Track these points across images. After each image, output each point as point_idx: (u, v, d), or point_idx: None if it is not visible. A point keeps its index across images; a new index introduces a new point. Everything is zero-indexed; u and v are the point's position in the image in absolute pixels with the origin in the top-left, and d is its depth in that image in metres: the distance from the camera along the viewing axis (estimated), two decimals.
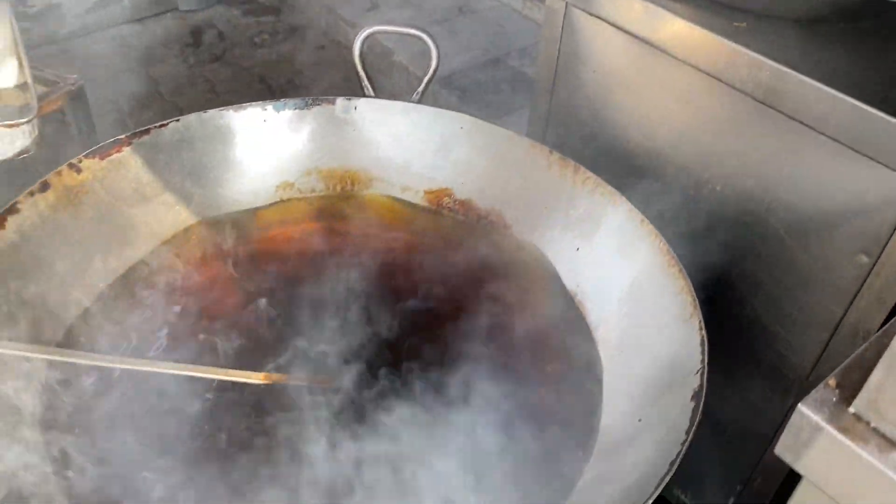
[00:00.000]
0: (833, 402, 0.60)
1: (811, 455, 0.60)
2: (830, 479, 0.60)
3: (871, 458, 0.56)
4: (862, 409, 0.58)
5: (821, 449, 0.59)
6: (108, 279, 1.04)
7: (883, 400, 0.57)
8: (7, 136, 1.07)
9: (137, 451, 0.84)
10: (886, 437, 0.57)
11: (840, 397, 0.60)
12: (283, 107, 1.24)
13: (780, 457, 0.63)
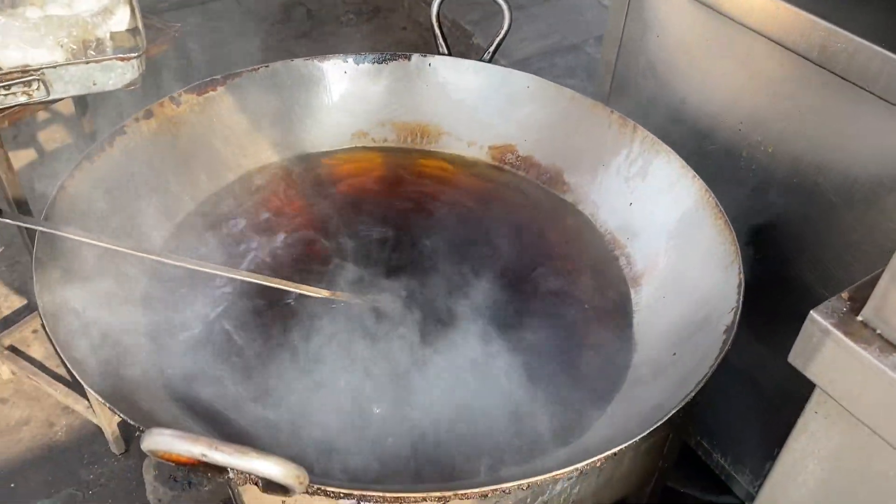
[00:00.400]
0: (843, 311, 0.65)
1: (820, 359, 0.65)
2: (836, 382, 0.65)
3: (872, 358, 0.61)
4: (869, 316, 0.63)
5: (828, 352, 0.64)
6: (191, 197, 1.16)
7: (887, 306, 0.61)
8: (119, 68, 1.20)
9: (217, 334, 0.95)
10: (889, 341, 0.62)
11: (850, 308, 0.65)
12: (362, 60, 1.33)
13: (792, 363, 0.68)
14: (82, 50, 1.24)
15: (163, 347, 0.95)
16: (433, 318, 1.04)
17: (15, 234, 2.32)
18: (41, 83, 1.18)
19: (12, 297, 2.15)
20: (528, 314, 1.08)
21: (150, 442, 0.61)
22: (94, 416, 1.69)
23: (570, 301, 1.11)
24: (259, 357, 0.96)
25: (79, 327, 0.88)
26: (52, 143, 2.62)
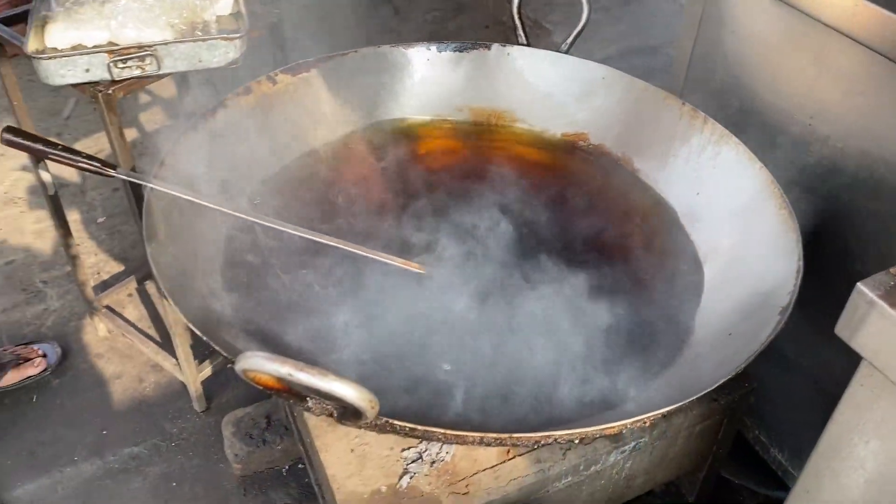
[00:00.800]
0: (891, 284, 0.68)
1: (865, 330, 0.69)
2: (881, 353, 0.68)
3: None
4: None
5: (874, 324, 0.68)
6: (281, 166, 1.26)
7: None
8: (223, 47, 1.31)
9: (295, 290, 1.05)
10: None
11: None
12: (445, 48, 1.41)
13: (839, 335, 0.72)
14: (190, 30, 1.36)
15: (245, 295, 1.05)
16: (508, 280, 1.11)
17: (116, 205, 2.50)
18: (153, 58, 1.29)
19: (111, 262, 2.32)
20: (596, 282, 1.13)
21: (245, 363, 0.69)
22: (180, 374, 1.82)
23: (637, 274, 1.17)
24: (336, 308, 1.04)
25: (176, 273, 0.98)
26: (152, 125, 2.81)
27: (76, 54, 1.27)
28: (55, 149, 1.06)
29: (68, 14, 1.33)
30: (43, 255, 2.34)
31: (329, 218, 1.17)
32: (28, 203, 2.52)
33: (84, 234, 2.39)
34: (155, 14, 1.35)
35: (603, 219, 1.27)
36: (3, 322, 2.13)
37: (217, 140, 1.20)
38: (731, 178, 1.19)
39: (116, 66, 1.29)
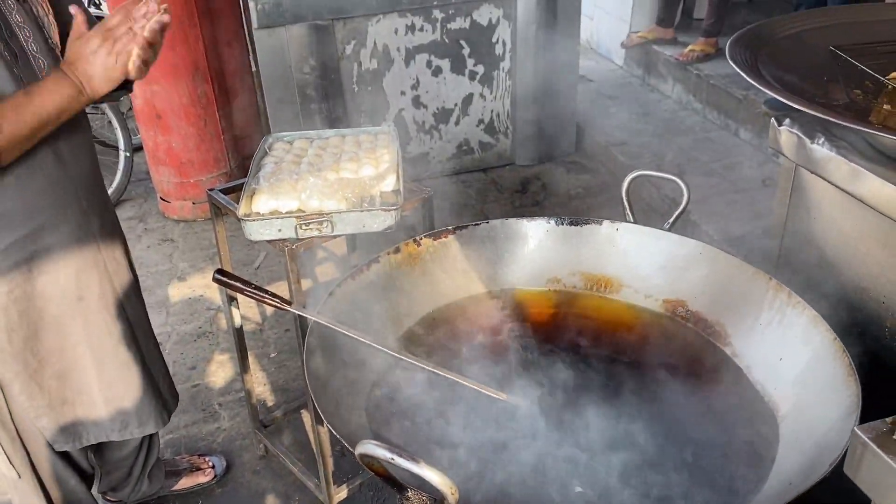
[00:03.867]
0: (883, 430, 0.81)
1: (864, 469, 0.82)
2: (877, 489, 0.80)
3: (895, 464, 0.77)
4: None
5: (869, 463, 0.81)
6: (418, 312, 1.53)
7: None
8: (382, 216, 1.65)
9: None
10: None
11: (889, 429, 0.81)
12: (562, 222, 1.67)
13: (846, 473, 0.85)
14: (359, 202, 1.72)
15: (378, 416, 1.29)
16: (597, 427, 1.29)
17: (286, 344, 2.89)
18: (329, 223, 1.65)
19: (276, 392, 2.68)
20: (679, 437, 1.27)
21: (361, 448, 0.92)
22: (320, 494, 2.06)
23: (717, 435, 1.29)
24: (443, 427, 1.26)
25: (330, 389, 1.25)
26: (325, 276, 3.25)
27: (273, 218, 1.65)
28: (249, 287, 1.40)
29: (271, 187, 1.74)
30: (222, 382, 2.74)
31: (452, 355, 1.41)
32: (216, 337, 2.97)
33: (257, 365, 2.78)
34: (334, 189, 1.73)
35: (691, 376, 1.42)
36: (184, 435, 2.50)
37: (369, 288, 1.51)
38: (807, 348, 1.32)
39: (301, 228, 1.66)
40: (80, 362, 1.69)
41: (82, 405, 1.72)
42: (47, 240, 1.55)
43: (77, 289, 1.63)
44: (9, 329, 1.56)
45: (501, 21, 3.75)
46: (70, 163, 1.57)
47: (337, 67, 3.59)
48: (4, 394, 1.62)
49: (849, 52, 1.41)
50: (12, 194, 1.47)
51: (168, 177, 3.71)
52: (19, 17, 1.44)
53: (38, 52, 1.46)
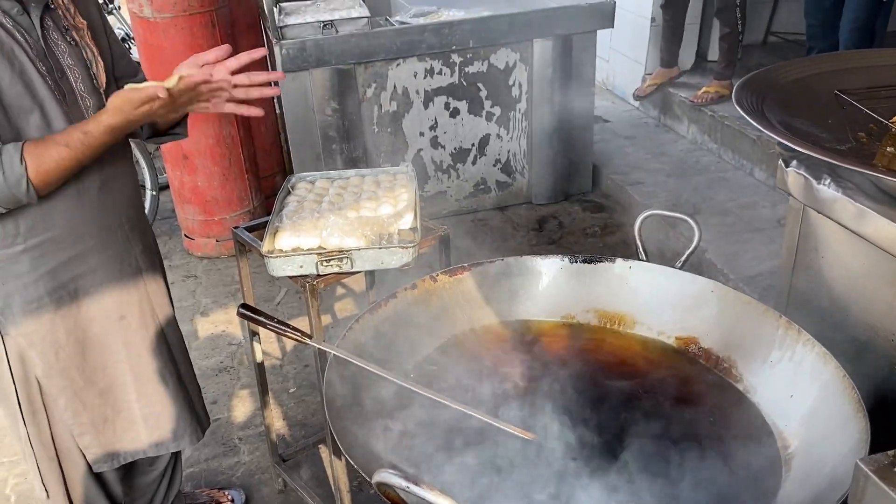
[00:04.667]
0: (884, 463, 0.84)
1: (866, 501, 0.84)
2: None
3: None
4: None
5: (871, 495, 0.83)
6: (434, 347, 1.57)
7: None
8: (400, 253, 1.70)
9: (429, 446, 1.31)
10: None
11: (891, 462, 0.84)
12: (575, 260, 1.71)
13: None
14: (378, 240, 1.77)
15: (395, 447, 1.32)
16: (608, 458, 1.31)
17: (304, 379, 2.93)
18: (349, 260, 1.71)
19: (295, 427, 2.71)
20: (688, 473, 1.29)
21: (378, 476, 0.96)
22: None
23: (726, 464, 1.31)
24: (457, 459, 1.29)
25: (348, 420, 1.29)
26: (344, 312, 3.30)
27: (295, 255, 1.71)
28: (272, 321, 1.45)
29: (293, 225, 1.79)
30: (242, 416, 2.78)
31: (466, 388, 1.45)
32: (237, 372, 3.02)
33: (277, 400, 2.81)
34: (354, 227, 1.78)
35: (703, 413, 1.44)
36: (204, 468, 2.54)
37: (387, 323, 1.55)
38: (817, 385, 1.34)
39: (322, 264, 1.71)
40: (120, 380, 1.76)
41: (121, 423, 1.79)
42: (92, 262, 1.65)
43: (119, 308, 1.72)
44: (56, 345, 1.64)
45: (518, 64, 3.84)
46: (114, 189, 1.67)
47: (358, 109, 3.68)
48: (48, 412, 1.68)
49: (853, 95, 1.46)
50: (60, 218, 1.56)
51: (193, 215, 3.80)
52: (70, 59, 1.55)
53: (85, 92, 1.57)
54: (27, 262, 1.56)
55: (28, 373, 1.64)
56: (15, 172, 1.40)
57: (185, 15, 3.33)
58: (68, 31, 1.56)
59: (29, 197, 1.45)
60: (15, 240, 1.53)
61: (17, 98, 1.44)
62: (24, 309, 1.58)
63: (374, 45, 3.57)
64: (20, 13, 1.46)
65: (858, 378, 1.30)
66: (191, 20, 3.33)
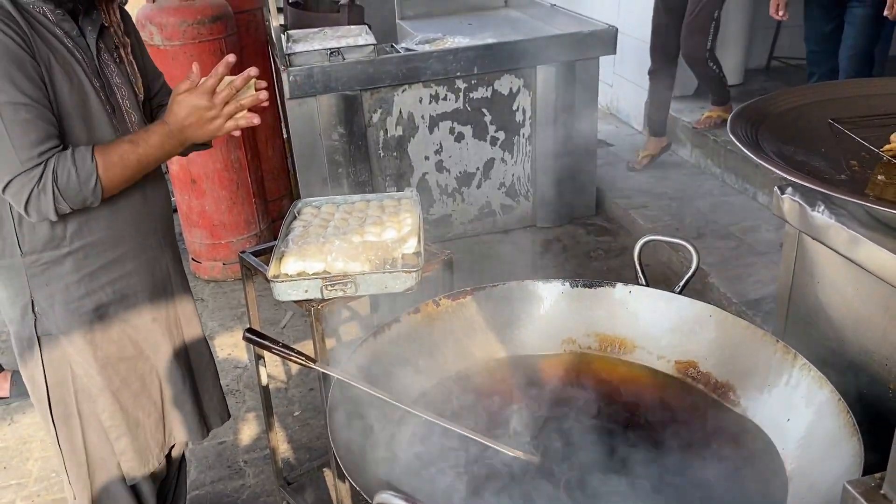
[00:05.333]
0: (871, 485, 0.86)
1: None
2: None
3: None
4: (887, 490, 0.84)
5: None
6: (437, 370, 1.59)
7: (895, 479, 0.82)
8: (403, 278, 1.73)
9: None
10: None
11: (877, 484, 0.86)
12: (576, 284, 1.73)
13: None
14: (381, 264, 1.80)
15: (397, 470, 1.35)
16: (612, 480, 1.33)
17: (309, 402, 2.95)
18: (353, 284, 1.74)
19: (300, 450, 2.72)
20: (685, 491, 1.31)
21: (378, 497, 0.98)
22: None
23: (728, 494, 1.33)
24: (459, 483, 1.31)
25: (351, 444, 1.31)
26: (349, 335, 3.32)
27: (300, 279, 1.74)
28: (277, 345, 1.48)
29: (299, 250, 1.83)
30: (248, 440, 2.80)
31: (481, 417, 1.47)
32: (243, 395, 3.04)
33: (282, 424, 2.84)
34: (359, 252, 1.82)
35: (702, 436, 1.46)
36: (209, 491, 2.55)
37: (390, 346, 1.58)
38: (812, 409, 1.36)
39: (327, 289, 1.74)
40: (150, 383, 1.84)
41: (149, 428, 1.85)
42: (129, 266, 1.74)
43: (151, 311, 1.81)
44: (94, 345, 1.72)
45: (522, 90, 3.89)
46: (152, 201, 1.78)
47: (364, 134, 3.74)
48: (82, 417, 1.75)
49: (846, 124, 1.49)
50: (105, 224, 1.67)
51: (200, 238, 3.85)
52: (118, 78, 1.68)
53: (130, 108, 1.70)
54: (71, 264, 1.65)
55: (65, 374, 1.71)
56: (86, 168, 1.49)
57: (195, 43, 3.40)
58: (116, 49, 1.69)
59: (95, 196, 1.53)
60: (61, 242, 1.63)
61: (73, 109, 1.55)
62: (66, 308, 1.67)
63: (380, 72, 3.63)
64: (78, 35, 1.59)
65: (854, 401, 1.31)
66: (200, 48, 3.41)
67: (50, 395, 1.70)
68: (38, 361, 1.68)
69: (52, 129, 1.50)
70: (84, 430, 1.75)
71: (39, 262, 1.62)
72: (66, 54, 1.54)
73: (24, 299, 1.65)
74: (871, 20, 3.54)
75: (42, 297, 1.65)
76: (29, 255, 1.61)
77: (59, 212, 1.52)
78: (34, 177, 1.46)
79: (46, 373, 1.69)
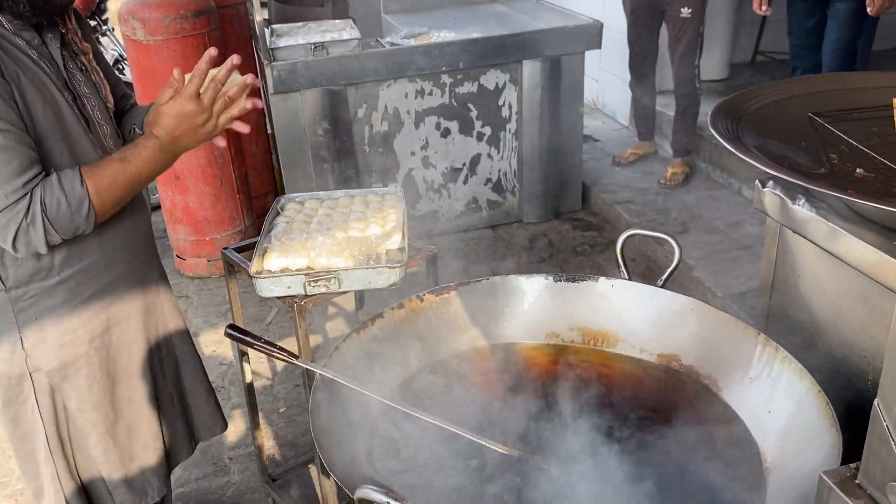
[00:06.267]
0: (846, 475, 0.87)
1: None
2: None
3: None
4: (861, 480, 0.85)
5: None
6: (421, 366, 1.59)
7: (870, 472, 0.83)
8: (387, 273, 1.73)
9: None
10: (873, 498, 0.83)
11: (852, 474, 0.87)
12: (560, 279, 1.74)
13: None
14: (365, 260, 1.80)
15: (381, 465, 1.35)
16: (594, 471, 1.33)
17: (294, 399, 2.94)
18: (336, 280, 1.73)
19: (285, 447, 2.72)
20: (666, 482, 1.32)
21: (360, 492, 0.98)
22: None
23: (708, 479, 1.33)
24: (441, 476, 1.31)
25: (334, 439, 1.31)
26: (335, 331, 3.32)
27: (283, 275, 1.74)
28: (259, 341, 1.47)
29: (282, 246, 1.82)
30: (233, 437, 2.79)
31: (449, 405, 1.47)
32: (228, 392, 3.03)
33: (267, 420, 2.83)
34: (342, 248, 1.81)
35: (685, 428, 1.46)
36: (195, 488, 2.55)
37: (374, 342, 1.57)
38: (792, 400, 1.37)
39: (310, 285, 1.74)
40: (144, 413, 1.75)
41: (146, 460, 1.77)
42: (121, 289, 1.66)
43: (144, 333, 1.74)
44: (90, 378, 1.63)
45: (508, 85, 3.89)
46: (136, 215, 1.69)
47: (349, 129, 3.73)
48: (73, 445, 1.66)
49: (826, 118, 1.50)
50: (95, 248, 1.58)
51: (184, 235, 3.83)
52: (86, 88, 1.57)
53: (101, 119, 1.60)
54: (62, 294, 1.56)
55: (57, 407, 1.63)
56: (76, 195, 1.40)
57: (178, 38, 3.38)
58: (78, 56, 1.59)
59: (87, 222, 1.44)
60: (49, 273, 1.53)
61: (50, 129, 1.44)
62: (59, 342, 1.58)
63: (365, 67, 3.62)
64: (41, 44, 1.48)
65: (833, 393, 1.32)
66: (183, 42, 3.39)
67: (47, 429, 1.61)
68: (31, 398, 1.60)
69: (34, 155, 1.38)
70: (77, 464, 1.69)
71: (27, 296, 1.52)
72: (33, 68, 1.43)
73: (12, 336, 1.54)
74: (854, 15, 3.57)
75: (32, 333, 1.55)
76: (14, 289, 1.51)
77: (49, 244, 1.41)
78: (20, 210, 1.35)
79: (41, 408, 1.60)
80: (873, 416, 0.84)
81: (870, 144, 1.39)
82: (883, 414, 0.80)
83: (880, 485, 0.80)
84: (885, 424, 0.80)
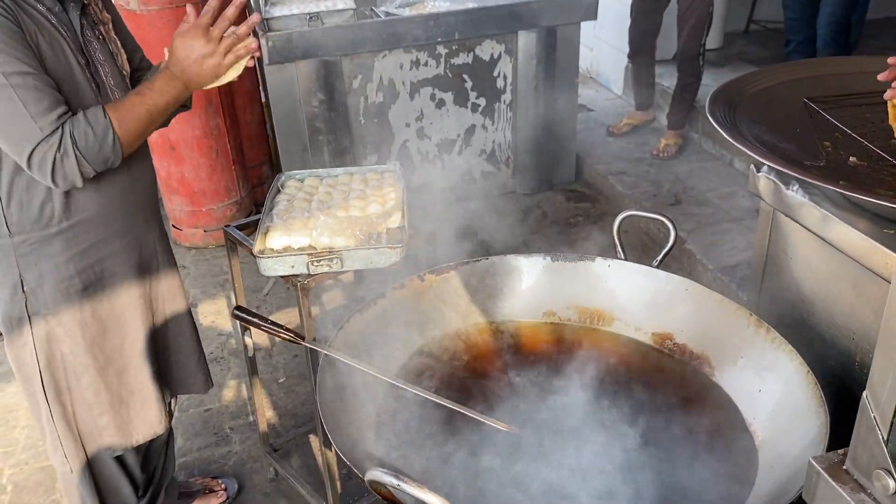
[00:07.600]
0: (834, 461, 0.92)
1: (818, 496, 0.92)
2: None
3: (845, 494, 0.87)
4: (849, 465, 0.90)
5: (821, 490, 0.91)
6: (422, 344, 1.64)
7: (857, 458, 0.88)
8: (388, 253, 1.76)
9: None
10: (860, 484, 0.88)
11: (840, 460, 0.91)
12: (557, 258, 1.78)
13: (805, 499, 0.95)
14: (367, 239, 1.83)
15: (384, 441, 1.40)
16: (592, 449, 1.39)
17: (294, 369, 2.99)
18: (339, 259, 1.76)
19: (285, 416, 2.77)
20: (659, 459, 1.37)
21: (370, 475, 1.03)
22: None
23: (698, 456, 1.39)
24: (444, 454, 1.36)
25: (341, 421, 1.35)
26: (332, 303, 3.36)
27: (286, 255, 1.76)
28: (266, 322, 1.51)
29: (284, 225, 1.85)
30: (233, 406, 2.84)
31: (466, 389, 1.52)
32: (227, 362, 3.07)
33: (266, 390, 2.88)
34: (344, 227, 1.84)
35: (677, 406, 1.52)
36: (197, 458, 2.60)
37: (376, 321, 1.62)
38: (782, 381, 1.42)
39: (313, 264, 1.77)
40: (136, 359, 1.85)
41: (135, 405, 1.87)
42: (116, 244, 1.75)
43: (138, 288, 1.83)
44: (82, 324, 1.73)
45: (503, 56, 3.88)
46: (138, 178, 1.78)
47: (344, 101, 3.72)
48: (70, 392, 1.76)
49: (821, 104, 1.53)
50: (92, 202, 1.66)
51: (180, 205, 3.83)
52: (101, 55, 1.66)
53: (114, 86, 1.68)
54: (60, 243, 1.65)
55: (54, 352, 1.73)
56: (101, 125, 1.49)
57: (171, 7, 3.35)
58: (97, 26, 1.67)
59: (115, 153, 1.53)
60: (50, 222, 1.62)
61: (61, 83, 1.53)
62: (56, 288, 1.68)
63: (360, 37, 3.60)
64: (61, 11, 1.57)
65: (822, 374, 1.38)
66: (177, 13, 3.35)
67: (42, 373, 1.72)
68: (29, 341, 1.69)
69: (60, 96, 1.49)
70: (74, 405, 1.78)
71: (28, 242, 1.63)
72: (51, 29, 1.53)
73: (14, 279, 1.65)
74: None
75: (32, 277, 1.65)
76: (17, 234, 1.61)
77: (84, 176, 1.51)
78: (54, 143, 1.45)
79: (38, 351, 1.70)
80: (862, 407, 0.88)
81: (863, 132, 1.43)
82: (871, 406, 0.84)
83: (867, 472, 0.85)
84: (872, 416, 0.84)
